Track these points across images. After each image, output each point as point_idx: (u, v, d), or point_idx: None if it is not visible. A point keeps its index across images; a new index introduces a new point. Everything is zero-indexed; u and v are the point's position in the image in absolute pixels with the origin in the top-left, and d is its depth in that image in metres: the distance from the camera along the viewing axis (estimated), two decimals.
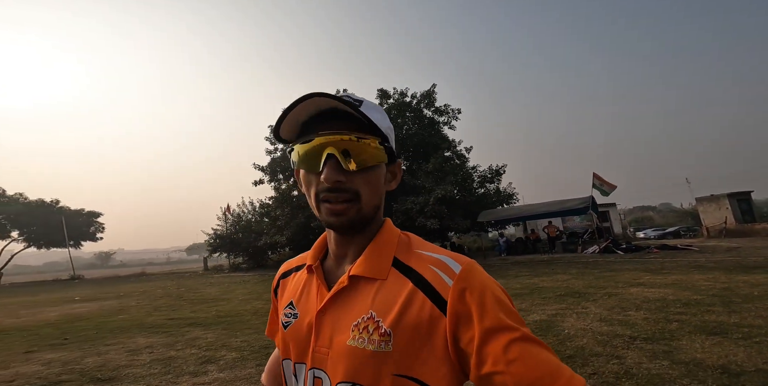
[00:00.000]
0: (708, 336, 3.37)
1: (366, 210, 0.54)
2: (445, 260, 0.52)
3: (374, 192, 0.55)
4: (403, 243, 0.57)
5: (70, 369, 3.60)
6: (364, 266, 0.54)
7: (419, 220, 17.31)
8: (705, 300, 4.86)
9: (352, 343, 0.51)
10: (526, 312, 5.02)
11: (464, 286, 0.49)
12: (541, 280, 8.14)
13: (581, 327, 4.02)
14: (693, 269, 8.02)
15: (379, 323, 0.50)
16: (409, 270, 0.53)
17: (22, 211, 25.60)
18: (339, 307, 0.54)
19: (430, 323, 0.49)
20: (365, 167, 0.53)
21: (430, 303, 0.49)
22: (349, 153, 0.52)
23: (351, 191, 0.53)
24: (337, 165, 0.52)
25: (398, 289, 0.52)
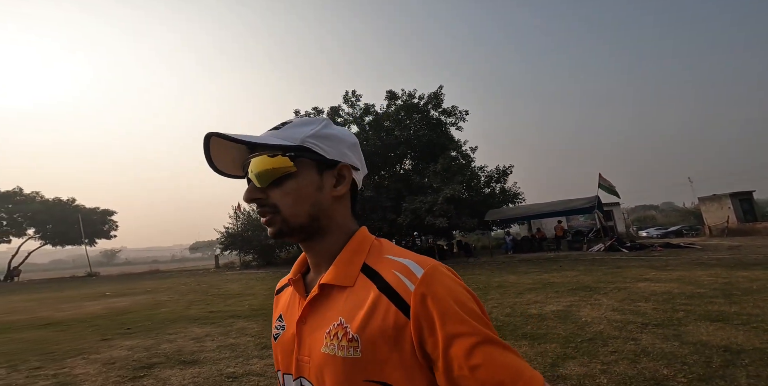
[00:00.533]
0: (711, 322, 3.81)
1: (294, 220, 0.56)
2: (408, 265, 0.52)
3: (295, 201, 0.55)
4: (375, 249, 0.58)
5: (154, 354, 4.05)
6: (333, 274, 0.55)
7: (428, 219, 17.73)
8: (707, 293, 5.30)
9: (324, 350, 0.52)
10: (542, 304, 5.46)
11: (425, 291, 0.49)
12: (551, 276, 8.56)
13: (596, 315, 4.46)
14: (696, 266, 8.44)
15: (347, 329, 0.51)
16: (375, 276, 0.53)
17: (41, 209, 26.27)
18: (315, 316, 0.56)
19: (396, 328, 0.49)
20: (276, 180, 0.55)
21: (394, 308, 0.49)
22: (257, 171, 0.55)
23: (269, 205, 0.56)
24: (253, 185, 0.56)
25: (365, 295, 0.52)
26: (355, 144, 0.62)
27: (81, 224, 26.13)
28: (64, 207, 27.52)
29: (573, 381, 2.62)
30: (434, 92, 21.70)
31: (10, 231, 27.00)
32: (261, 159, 0.54)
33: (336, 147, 0.58)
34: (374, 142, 20.47)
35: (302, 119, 0.59)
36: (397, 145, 21.24)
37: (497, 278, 8.87)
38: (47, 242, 27.84)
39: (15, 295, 13.77)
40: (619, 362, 2.92)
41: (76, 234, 27.71)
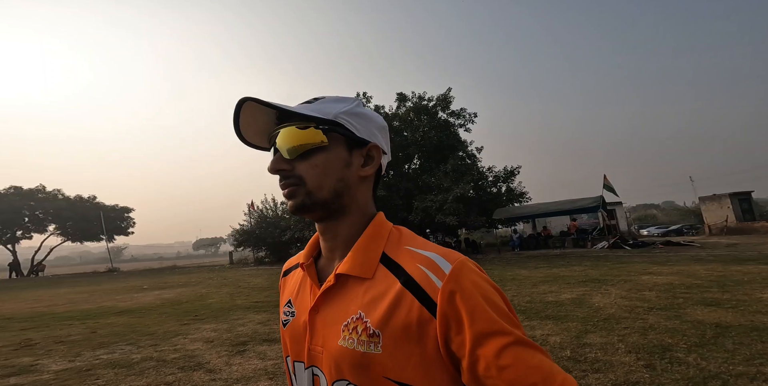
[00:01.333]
0: (706, 306, 4.49)
1: (317, 193, 0.54)
2: (435, 259, 0.50)
3: (322, 174, 0.54)
4: (394, 238, 0.56)
5: (237, 334, 4.71)
6: (350, 263, 0.53)
7: (438, 217, 18.41)
8: (704, 284, 5.97)
9: (342, 344, 0.50)
10: (557, 293, 6.13)
11: (454, 288, 0.47)
12: (560, 270, 9.24)
13: (607, 302, 5.15)
14: (694, 261, 9.10)
15: (367, 324, 0.49)
16: (397, 268, 0.51)
17: (64, 206, 27.15)
18: (329, 306, 0.54)
19: (419, 325, 0.47)
20: (304, 153, 0.54)
21: (418, 304, 0.47)
22: (287, 142, 0.53)
23: (295, 176, 0.54)
24: (280, 155, 0.55)
25: (386, 288, 0.50)
26: (385, 127, 0.61)
27: (103, 221, 26.99)
28: (84, 204, 28.43)
29: (596, 348, 3.31)
30: (443, 94, 22.33)
31: (32, 228, 27.93)
32: (291, 130, 0.53)
33: (367, 126, 0.57)
34: None
35: (335, 97, 0.58)
36: (407, 145, 21.90)
37: (509, 273, 9.54)
38: (68, 238, 28.74)
39: (58, 289, 14.55)
40: (631, 334, 3.61)
41: (96, 231, 28.61)
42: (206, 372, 3.35)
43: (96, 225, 27.91)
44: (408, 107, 22.70)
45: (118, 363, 3.76)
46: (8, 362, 4.03)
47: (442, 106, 22.35)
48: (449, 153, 21.62)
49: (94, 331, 5.45)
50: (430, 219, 19.13)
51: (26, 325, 6.33)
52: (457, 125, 22.60)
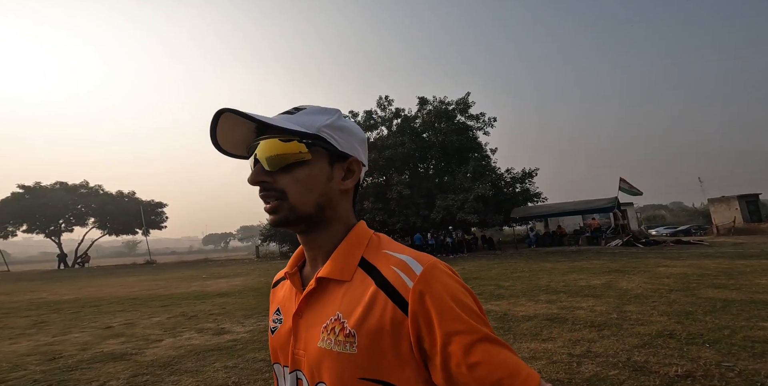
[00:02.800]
0: (715, 288, 5.56)
1: (300, 208, 0.54)
2: (407, 261, 0.51)
3: (305, 189, 0.54)
4: (374, 244, 0.57)
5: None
6: (330, 268, 0.55)
7: (459, 215, 19.52)
8: (713, 273, 7.01)
9: (321, 345, 0.51)
10: (586, 280, 7.18)
11: (423, 288, 0.48)
12: (582, 263, 10.28)
13: (633, 286, 6.22)
14: (704, 257, 10.09)
15: (345, 324, 0.50)
16: (374, 271, 0.53)
17: (108, 201, 28.82)
18: (311, 310, 0.55)
19: (393, 325, 0.48)
20: (287, 166, 0.54)
21: (392, 304, 0.49)
22: (269, 154, 0.53)
23: (277, 190, 0.54)
24: (261, 167, 0.54)
25: (363, 290, 0.52)
26: (365, 140, 0.61)
27: (143, 215, 28.59)
28: (123, 199, 30.15)
29: (636, 313, 4.40)
30: (462, 99, 23.36)
31: (74, 221, 29.64)
32: (273, 142, 0.53)
33: (348, 140, 0.58)
34: (410, 145, 22.20)
35: (317, 107, 0.58)
36: (428, 147, 22.98)
37: (535, 265, 10.60)
38: (107, 232, 30.40)
39: (125, 277, 15.93)
40: (659, 306, 4.70)
41: (132, 225, 30.28)
42: None
43: (133, 219, 29.56)
44: (429, 110, 23.78)
45: None
46: (202, 326, 5.11)
47: (461, 109, 23.40)
48: (468, 155, 22.70)
49: (223, 307, 6.61)
50: (451, 217, 20.23)
51: (158, 304, 7.50)
52: (475, 127, 23.66)
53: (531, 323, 4.26)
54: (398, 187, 20.63)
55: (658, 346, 3.22)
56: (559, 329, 3.95)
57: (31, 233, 28.28)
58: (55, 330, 5.43)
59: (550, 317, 4.48)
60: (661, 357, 2.98)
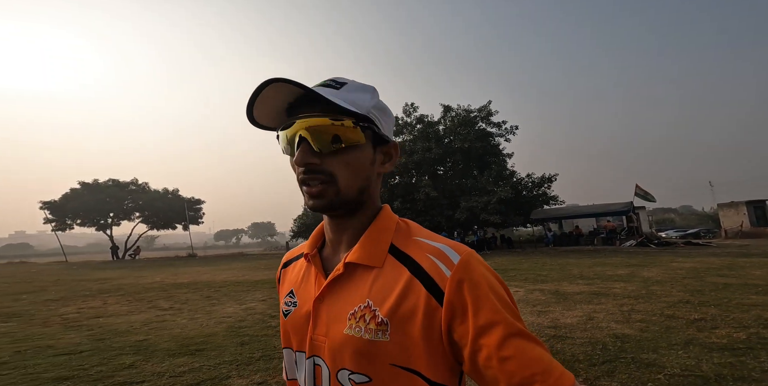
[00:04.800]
0: (719, 276, 6.97)
1: (346, 192, 0.52)
2: (444, 250, 0.50)
3: (354, 173, 0.52)
4: (402, 230, 0.56)
5: None
6: (359, 253, 0.53)
7: (483, 215, 20.99)
8: (717, 267, 8.39)
9: (348, 332, 0.50)
10: (611, 271, 8.58)
11: (462, 277, 0.47)
12: (603, 259, 11.67)
13: (652, 275, 7.65)
14: (711, 255, 11.43)
15: (376, 312, 0.49)
16: (406, 258, 0.51)
17: (156, 198, 31.09)
18: (336, 295, 0.53)
19: (426, 313, 0.47)
20: (340, 149, 0.51)
21: (426, 292, 0.48)
22: (320, 135, 0.50)
23: (326, 172, 0.51)
24: (309, 148, 0.51)
25: (395, 278, 0.50)
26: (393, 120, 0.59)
27: (186, 212, 30.71)
28: (167, 196, 32.40)
29: (659, 291, 5.87)
30: (483, 106, 24.81)
31: (121, 216, 31.88)
32: (326, 123, 0.49)
33: (389, 123, 0.57)
34: (436, 150, 23.71)
35: (357, 83, 0.55)
36: (452, 152, 24.46)
37: (560, 261, 12.01)
38: (152, 226, 32.59)
39: (190, 267, 17.72)
40: (676, 286, 6.15)
41: (172, 220, 32.45)
42: None
43: (175, 215, 31.70)
44: (453, 117, 25.26)
45: None
46: None
47: (482, 117, 24.83)
48: (491, 160, 24.17)
49: None
50: (475, 217, 21.70)
51: (268, 286, 8.98)
52: (496, 134, 25.07)
53: (581, 296, 5.77)
54: (426, 189, 22.14)
55: (679, 307, 4.71)
56: (605, 299, 5.45)
57: (83, 226, 30.57)
58: (230, 301, 6.72)
59: (594, 292, 5.98)
60: (683, 311, 4.46)
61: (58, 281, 11.34)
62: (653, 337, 3.53)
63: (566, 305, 5.17)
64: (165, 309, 6.07)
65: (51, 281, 11.68)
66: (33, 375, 3.11)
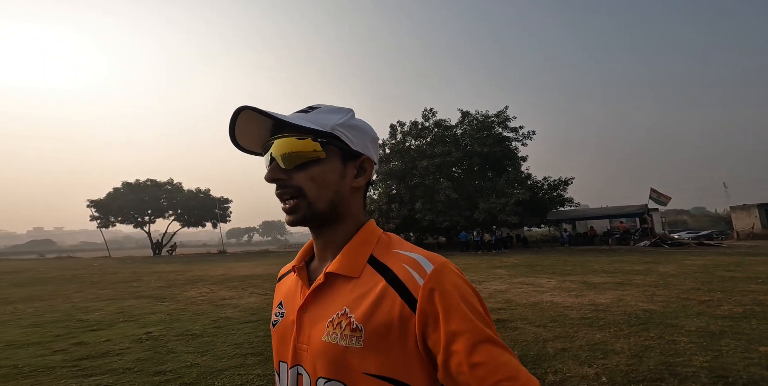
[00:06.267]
0: (726, 271, 7.99)
1: (318, 205, 0.55)
2: (419, 260, 0.52)
3: (321, 187, 0.55)
4: (383, 243, 0.58)
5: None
6: (339, 264, 0.55)
7: (501, 216, 22.04)
8: (726, 264, 9.38)
9: (326, 339, 0.51)
10: (629, 267, 9.60)
11: (433, 286, 0.49)
12: (619, 257, 12.64)
13: (667, 270, 8.69)
14: (721, 255, 12.35)
15: (351, 318, 0.50)
16: (383, 268, 0.53)
17: (191, 197, 32.93)
18: (317, 304, 0.55)
19: (401, 321, 0.49)
20: (302, 164, 0.54)
21: (401, 300, 0.49)
22: (284, 152, 0.54)
23: (293, 187, 0.54)
24: (277, 165, 0.55)
25: (371, 286, 0.52)
26: (376, 139, 0.62)
27: (218, 210, 32.47)
28: (199, 195, 34.21)
29: (674, 282, 6.95)
30: (500, 111, 25.82)
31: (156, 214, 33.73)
32: (289, 141, 0.54)
33: (361, 139, 0.59)
34: (456, 154, 24.80)
35: (331, 107, 0.60)
36: (471, 155, 25.52)
37: (579, 258, 13.01)
38: (185, 224, 34.41)
39: (230, 263, 19.13)
40: (689, 278, 7.21)
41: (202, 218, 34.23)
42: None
43: (206, 213, 33.48)
44: (471, 122, 26.31)
45: None
46: None
47: (499, 122, 25.82)
48: (508, 163, 25.20)
49: None
50: (493, 218, 22.75)
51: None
52: (512, 138, 26.04)
53: (608, 285, 6.88)
54: (446, 191, 23.24)
55: (692, 292, 5.80)
56: (629, 287, 6.55)
57: (123, 224, 32.51)
58: None
59: (618, 282, 7.08)
60: (695, 295, 5.55)
61: (137, 273, 12.81)
62: (673, 311, 4.66)
63: (597, 291, 6.30)
64: (263, 295, 7.36)
65: (130, 272, 13.17)
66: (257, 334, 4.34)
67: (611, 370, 2.86)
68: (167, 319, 5.06)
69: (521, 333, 4.00)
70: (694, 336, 3.61)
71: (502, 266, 11.35)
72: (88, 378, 2.94)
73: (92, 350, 3.67)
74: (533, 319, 4.55)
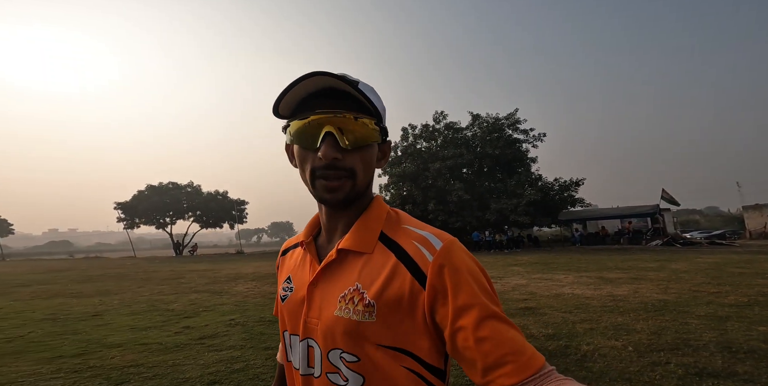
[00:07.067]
0: (736, 268, 8.47)
1: (360, 187, 0.56)
2: (428, 237, 0.53)
3: (368, 170, 0.56)
4: (392, 219, 0.58)
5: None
6: (351, 240, 0.56)
7: (512, 217, 22.55)
8: (737, 262, 9.84)
9: (338, 313, 0.53)
10: (642, 264, 10.08)
11: (443, 262, 0.50)
12: (632, 256, 13.08)
13: (679, 267, 9.19)
14: (732, 253, 12.76)
15: (364, 294, 0.52)
16: (394, 245, 0.54)
17: (210, 199, 34.09)
18: (328, 279, 0.56)
19: (411, 296, 0.50)
20: (361, 146, 0.54)
21: (410, 276, 0.51)
22: (346, 131, 0.52)
23: (346, 168, 0.54)
24: (335, 143, 0.52)
25: (383, 262, 0.53)
26: None
27: (235, 212, 33.57)
28: (217, 197, 35.36)
29: (686, 277, 7.48)
30: (510, 114, 26.31)
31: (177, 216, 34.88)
32: (362, 122, 0.53)
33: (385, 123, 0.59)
34: (467, 156, 25.36)
35: (370, 86, 0.57)
36: (483, 158, 26.05)
37: (592, 257, 13.49)
38: (203, 225, 35.54)
39: (251, 263, 19.89)
40: (700, 274, 7.73)
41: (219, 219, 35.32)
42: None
43: (224, 215, 34.61)
44: (481, 125, 26.86)
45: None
46: None
47: (509, 124, 26.31)
48: (519, 164, 25.70)
49: None
50: (504, 218, 23.26)
51: None
52: (522, 140, 26.50)
53: (623, 280, 7.44)
54: (458, 192, 23.80)
55: (702, 286, 6.34)
56: (643, 281, 7.11)
57: (146, 225, 33.76)
58: None
59: (633, 278, 7.63)
60: (705, 288, 6.10)
61: (175, 272, 13.62)
62: (685, 300, 5.23)
63: (614, 285, 6.87)
64: None
65: (168, 271, 14.00)
66: None
67: (635, 343, 3.47)
68: (238, 309, 5.72)
69: (550, 317, 4.62)
70: (704, 319, 4.19)
71: (517, 264, 11.90)
72: (219, 352, 3.58)
73: (202, 332, 4.34)
74: (559, 307, 5.17)
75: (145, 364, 3.24)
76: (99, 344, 3.92)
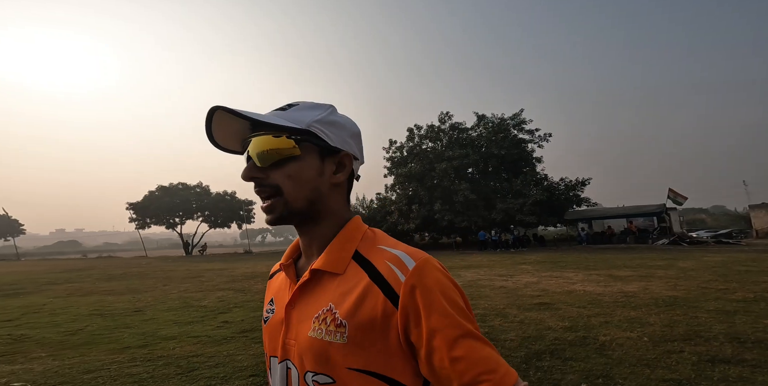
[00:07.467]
0: (742, 266, 8.67)
1: (295, 204, 0.55)
2: (401, 256, 0.53)
3: (298, 184, 0.55)
4: (368, 239, 0.58)
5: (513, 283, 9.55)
6: (324, 260, 0.56)
7: (518, 216, 22.74)
8: (743, 260, 10.03)
9: (312, 334, 0.52)
10: (650, 263, 10.30)
11: (414, 283, 0.50)
12: (640, 255, 13.27)
13: (687, 265, 9.40)
14: (739, 252, 12.92)
15: (336, 314, 0.51)
16: (368, 265, 0.54)
17: (220, 199, 34.59)
18: (304, 300, 0.56)
19: (384, 317, 0.50)
20: (278, 162, 0.54)
21: (383, 297, 0.50)
22: (259, 151, 0.54)
23: (270, 185, 0.55)
24: (253, 163, 0.55)
25: (356, 282, 0.53)
26: (358, 134, 0.62)
27: (243, 212, 34.06)
28: (225, 198, 35.86)
29: (694, 275, 7.71)
30: (516, 114, 26.48)
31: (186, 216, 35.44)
32: (265, 139, 0.54)
33: (339, 135, 0.58)
34: (473, 157, 25.58)
35: (309, 103, 0.59)
36: (489, 158, 26.26)
37: (600, 256, 13.67)
38: (212, 225, 36.05)
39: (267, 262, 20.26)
40: (708, 272, 7.94)
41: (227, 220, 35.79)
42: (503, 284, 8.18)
43: (233, 215, 35.09)
44: (487, 125, 27.04)
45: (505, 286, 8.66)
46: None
47: (514, 124, 26.48)
48: (524, 164, 25.88)
49: None
50: (510, 218, 23.46)
51: None
52: (528, 140, 26.66)
53: (632, 277, 7.67)
54: (464, 192, 24.02)
55: (710, 283, 6.58)
56: (652, 279, 7.34)
57: (156, 225, 34.33)
58: None
59: (642, 275, 7.87)
60: (713, 285, 6.33)
61: (191, 270, 14.01)
62: (694, 296, 5.48)
63: (623, 282, 7.11)
64: None
65: (184, 270, 14.37)
66: None
67: (649, 334, 3.73)
68: None
69: (565, 311, 4.89)
70: (713, 314, 4.45)
71: (525, 262, 12.15)
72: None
73: (241, 326, 4.64)
74: (572, 302, 5.43)
75: (205, 354, 3.55)
76: (155, 337, 4.25)
